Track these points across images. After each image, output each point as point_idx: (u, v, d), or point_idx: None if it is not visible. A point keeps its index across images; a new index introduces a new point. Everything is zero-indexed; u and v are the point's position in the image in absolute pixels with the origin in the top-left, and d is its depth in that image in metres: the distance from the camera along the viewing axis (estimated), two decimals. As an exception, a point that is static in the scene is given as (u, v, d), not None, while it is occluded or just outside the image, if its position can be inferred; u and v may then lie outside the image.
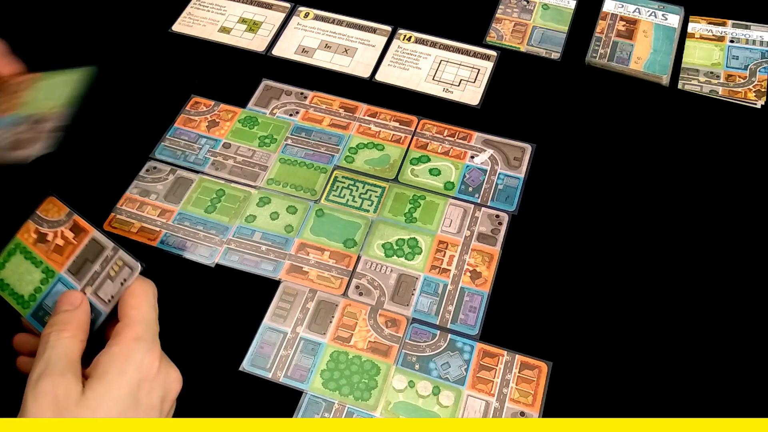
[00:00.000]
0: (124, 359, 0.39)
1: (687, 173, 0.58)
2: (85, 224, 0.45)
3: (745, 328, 0.50)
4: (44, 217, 0.46)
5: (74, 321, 0.41)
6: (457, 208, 0.56)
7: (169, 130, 0.61)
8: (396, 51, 0.67)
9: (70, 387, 0.37)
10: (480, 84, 0.65)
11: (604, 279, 0.53)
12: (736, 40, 0.67)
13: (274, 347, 0.49)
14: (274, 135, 0.61)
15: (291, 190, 0.57)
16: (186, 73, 0.65)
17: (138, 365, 0.39)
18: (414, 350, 0.49)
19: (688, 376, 0.48)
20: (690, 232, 0.55)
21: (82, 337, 0.41)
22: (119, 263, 0.43)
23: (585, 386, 0.48)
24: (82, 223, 0.45)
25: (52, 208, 0.46)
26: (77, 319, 0.41)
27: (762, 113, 0.62)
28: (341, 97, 0.63)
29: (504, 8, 0.71)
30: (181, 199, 0.57)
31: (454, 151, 0.60)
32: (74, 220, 0.45)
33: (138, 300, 0.42)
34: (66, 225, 0.45)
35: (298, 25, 0.70)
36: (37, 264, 0.45)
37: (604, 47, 0.67)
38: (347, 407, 0.47)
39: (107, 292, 0.43)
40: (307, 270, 0.53)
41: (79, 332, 0.41)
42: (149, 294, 0.42)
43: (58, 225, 0.45)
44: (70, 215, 0.45)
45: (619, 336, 0.50)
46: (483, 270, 0.53)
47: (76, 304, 0.42)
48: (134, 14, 0.70)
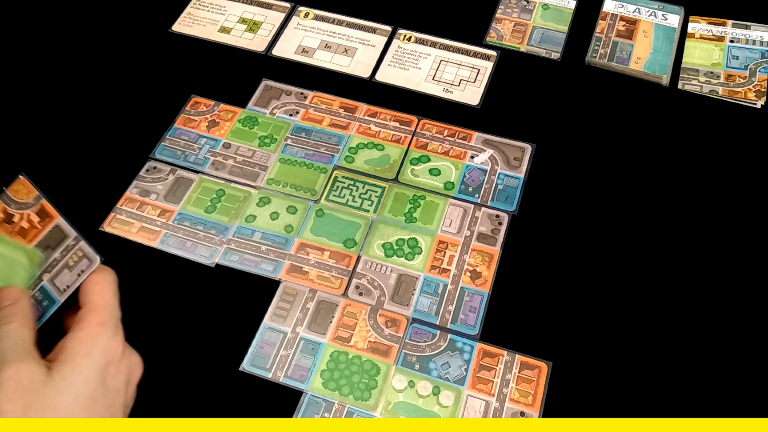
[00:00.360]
0: (91, 343, 0.39)
1: (687, 173, 0.58)
2: (52, 210, 0.44)
3: (745, 328, 0.50)
4: (13, 197, 0.44)
5: (19, 312, 0.41)
6: (457, 208, 0.56)
7: (169, 130, 0.61)
8: (396, 51, 0.67)
9: (33, 371, 0.37)
10: (480, 84, 0.65)
11: (604, 279, 0.53)
12: (736, 40, 0.67)
13: (274, 347, 0.49)
14: (274, 135, 0.61)
15: (291, 190, 0.57)
16: (186, 73, 0.65)
17: (104, 348, 0.39)
18: (414, 350, 0.49)
19: (688, 376, 0.48)
20: (690, 232, 0.55)
21: (31, 325, 0.41)
22: (79, 254, 0.43)
23: (585, 386, 0.48)
24: (49, 209, 0.44)
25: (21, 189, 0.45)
26: (21, 310, 0.41)
27: (762, 113, 0.62)
28: (341, 97, 0.63)
29: (504, 8, 0.71)
30: (181, 199, 0.57)
31: (454, 151, 0.60)
32: (42, 204, 0.44)
33: (100, 287, 0.42)
34: (33, 208, 0.44)
35: (298, 25, 0.70)
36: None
37: (604, 47, 0.67)
38: (347, 407, 0.47)
39: (63, 282, 0.43)
40: (307, 270, 0.53)
41: (27, 321, 0.41)
42: (110, 281, 0.43)
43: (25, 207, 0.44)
44: (38, 199, 0.44)
45: (619, 336, 0.50)
46: (483, 270, 0.53)
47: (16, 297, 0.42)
48: (134, 14, 0.70)
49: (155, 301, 0.51)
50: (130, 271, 0.53)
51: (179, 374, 0.48)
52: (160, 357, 0.44)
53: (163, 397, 0.45)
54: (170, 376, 0.47)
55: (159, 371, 0.44)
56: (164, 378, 0.45)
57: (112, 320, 0.41)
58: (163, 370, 0.45)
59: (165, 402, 0.45)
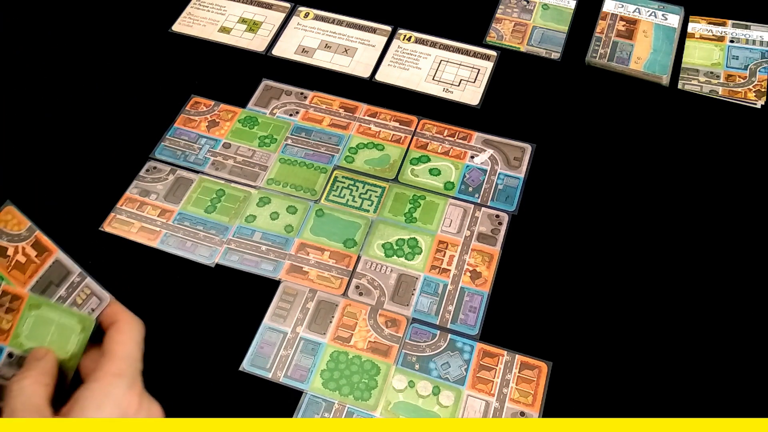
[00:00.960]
0: (103, 395, 0.38)
1: (687, 173, 0.58)
2: (49, 243, 0.41)
3: (744, 328, 0.50)
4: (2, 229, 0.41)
5: (36, 368, 0.40)
6: (457, 208, 0.56)
7: (169, 130, 0.61)
8: (396, 51, 0.67)
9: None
10: (480, 84, 0.65)
11: (604, 279, 0.53)
12: (736, 40, 0.67)
13: (274, 347, 0.49)
14: (274, 135, 0.61)
15: (291, 190, 0.57)
16: (186, 73, 0.65)
17: (117, 401, 0.38)
18: (414, 350, 0.49)
19: (688, 376, 0.48)
20: (690, 232, 0.55)
21: (47, 381, 0.39)
22: (87, 291, 0.41)
23: (585, 386, 0.48)
24: (45, 242, 0.41)
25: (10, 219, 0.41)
26: (40, 366, 0.40)
27: (762, 113, 0.62)
28: (341, 97, 0.63)
29: (504, 8, 0.71)
30: (181, 199, 0.57)
31: (454, 151, 0.60)
32: (36, 236, 0.41)
33: (123, 336, 0.40)
34: (27, 241, 0.41)
35: (298, 25, 0.70)
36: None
37: (604, 47, 0.67)
38: (347, 407, 0.47)
39: None
40: (307, 270, 0.53)
41: (42, 377, 0.39)
42: (135, 331, 0.41)
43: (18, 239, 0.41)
44: (32, 230, 0.41)
45: (619, 336, 0.50)
46: (483, 270, 0.53)
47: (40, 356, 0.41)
48: (134, 14, 0.70)
49: (155, 301, 0.51)
50: (130, 271, 0.53)
51: (179, 374, 0.48)
52: (160, 357, 0.44)
53: (163, 397, 0.45)
54: (170, 376, 0.47)
55: (159, 371, 0.44)
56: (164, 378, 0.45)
57: (130, 371, 0.39)
58: (163, 370, 0.45)
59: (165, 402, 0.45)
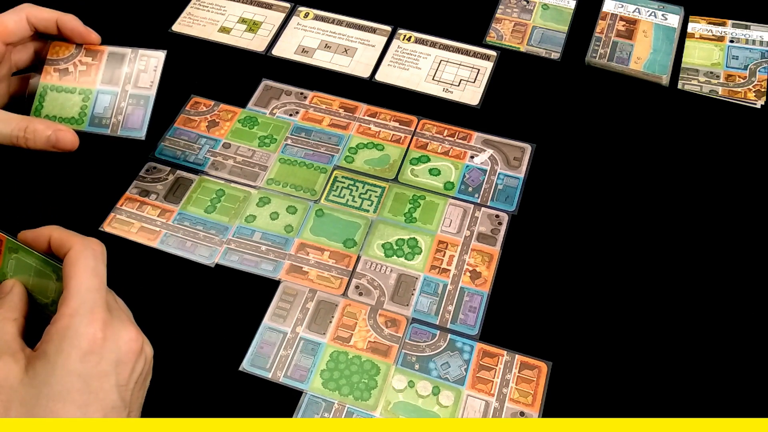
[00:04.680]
0: (60, 338, 0.37)
1: (687, 173, 0.59)
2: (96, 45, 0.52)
3: (744, 328, 0.50)
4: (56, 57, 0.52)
5: (3, 305, 0.40)
6: (456, 208, 0.56)
7: (169, 130, 0.61)
8: (396, 51, 0.67)
9: (9, 368, 0.37)
10: (480, 84, 0.65)
11: (603, 279, 0.53)
12: (736, 40, 0.67)
13: (274, 347, 0.49)
14: (274, 135, 0.61)
15: (291, 190, 0.57)
16: (186, 73, 0.65)
17: (76, 342, 0.37)
18: (414, 350, 0.49)
19: (688, 376, 0.48)
20: (690, 232, 0.55)
21: (15, 315, 0.40)
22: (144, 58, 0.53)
23: (585, 386, 0.48)
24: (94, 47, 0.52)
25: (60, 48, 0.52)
26: (8, 302, 0.40)
27: (762, 113, 0.62)
28: (341, 97, 0.63)
29: (504, 8, 0.71)
30: (181, 199, 0.57)
31: (454, 151, 0.60)
32: (85, 47, 0.53)
33: (75, 269, 0.39)
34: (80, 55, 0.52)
35: (298, 25, 0.70)
36: (71, 91, 0.52)
37: (604, 47, 0.67)
38: (347, 407, 0.47)
39: (146, 80, 0.53)
40: (307, 270, 0.53)
41: (10, 312, 0.40)
42: (88, 257, 0.40)
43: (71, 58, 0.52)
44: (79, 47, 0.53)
45: (619, 336, 0.50)
46: (483, 270, 0.53)
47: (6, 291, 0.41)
48: (134, 14, 0.70)
49: (155, 301, 0.51)
50: (130, 271, 0.53)
51: (179, 374, 0.48)
52: (160, 357, 0.44)
53: (163, 397, 0.45)
54: (170, 376, 0.47)
55: (159, 371, 0.44)
56: (164, 378, 0.45)
57: (85, 307, 0.38)
58: (163, 370, 0.45)
59: (165, 402, 0.45)
